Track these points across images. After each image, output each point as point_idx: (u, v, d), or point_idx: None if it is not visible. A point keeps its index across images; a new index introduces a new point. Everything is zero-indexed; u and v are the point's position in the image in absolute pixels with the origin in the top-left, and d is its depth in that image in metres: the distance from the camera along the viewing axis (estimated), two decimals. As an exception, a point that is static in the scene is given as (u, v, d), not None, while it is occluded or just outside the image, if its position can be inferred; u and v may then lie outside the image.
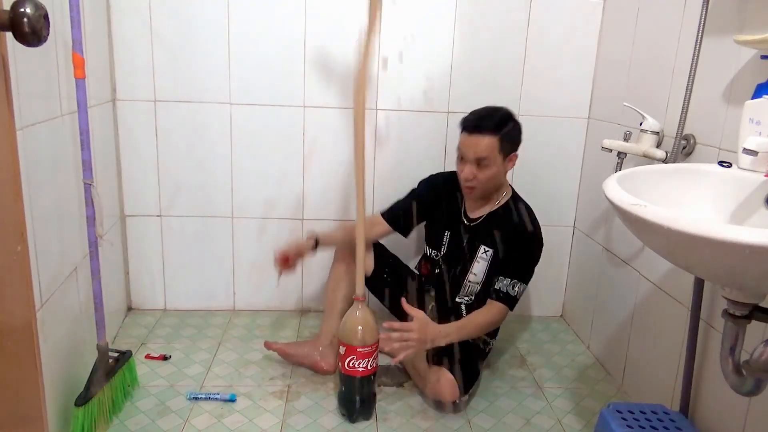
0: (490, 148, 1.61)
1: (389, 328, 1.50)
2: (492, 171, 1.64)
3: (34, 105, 1.29)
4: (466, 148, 1.64)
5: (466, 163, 1.65)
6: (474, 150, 1.62)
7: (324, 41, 1.95)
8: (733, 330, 0.98)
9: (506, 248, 1.69)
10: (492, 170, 1.64)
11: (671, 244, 0.90)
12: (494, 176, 1.66)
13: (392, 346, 1.48)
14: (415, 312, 1.52)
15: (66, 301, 1.46)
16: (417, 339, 1.48)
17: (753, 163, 1.10)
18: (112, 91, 1.93)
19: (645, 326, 1.69)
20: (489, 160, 1.62)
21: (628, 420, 1.36)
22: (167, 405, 1.60)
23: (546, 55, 2.03)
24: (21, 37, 0.67)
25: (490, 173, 1.64)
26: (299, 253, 1.78)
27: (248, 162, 2.04)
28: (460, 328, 1.57)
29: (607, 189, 1.01)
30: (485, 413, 1.64)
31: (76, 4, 1.34)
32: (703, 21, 1.37)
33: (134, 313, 2.13)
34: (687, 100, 1.43)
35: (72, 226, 1.51)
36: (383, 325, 1.53)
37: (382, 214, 1.85)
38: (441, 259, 1.81)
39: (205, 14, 1.90)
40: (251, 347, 1.92)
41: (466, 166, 1.64)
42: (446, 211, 1.81)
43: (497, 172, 1.65)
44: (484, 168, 1.63)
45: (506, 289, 1.63)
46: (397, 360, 1.49)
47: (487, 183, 1.67)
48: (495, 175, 1.66)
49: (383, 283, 1.85)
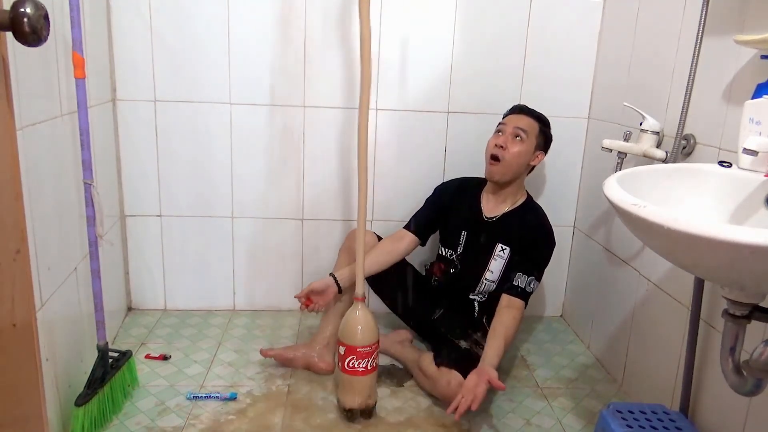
0: (531, 126, 1.74)
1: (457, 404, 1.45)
2: (523, 148, 1.71)
3: (34, 105, 1.29)
4: (509, 121, 1.75)
5: (503, 134, 1.73)
6: (516, 122, 1.74)
7: (324, 41, 1.95)
8: (733, 330, 0.98)
9: (525, 246, 1.72)
10: (523, 147, 1.71)
11: (671, 244, 0.90)
12: (521, 156, 1.72)
13: (473, 407, 1.43)
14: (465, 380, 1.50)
15: (66, 301, 1.46)
16: (482, 390, 1.45)
17: (753, 163, 1.10)
18: (112, 91, 1.93)
19: (645, 326, 1.69)
20: (526, 135, 1.72)
21: (628, 420, 1.36)
22: (167, 405, 1.60)
23: (546, 55, 2.03)
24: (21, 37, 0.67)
25: (521, 149, 1.71)
26: (325, 296, 1.72)
27: (248, 162, 2.04)
28: (498, 348, 1.56)
29: (607, 189, 1.01)
30: (485, 413, 1.64)
31: (76, 4, 1.34)
32: (703, 21, 1.37)
33: (134, 313, 2.13)
34: (687, 100, 1.43)
35: (72, 226, 1.51)
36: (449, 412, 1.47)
37: (407, 229, 1.84)
38: (457, 258, 1.82)
39: (205, 14, 1.90)
40: (251, 347, 1.92)
41: (502, 136, 1.73)
42: (463, 211, 1.83)
43: (526, 154, 1.72)
44: (517, 142, 1.71)
45: (524, 285, 1.66)
46: (476, 407, 1.44)
47: (512, 161, 1.71)
48: (522, 156, 1.72)
49: (386, 283, 1.86)
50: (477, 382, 1.45)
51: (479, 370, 1.49)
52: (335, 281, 1.72)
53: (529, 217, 1.77)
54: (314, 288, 1.70)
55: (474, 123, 2.04)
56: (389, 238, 1.83)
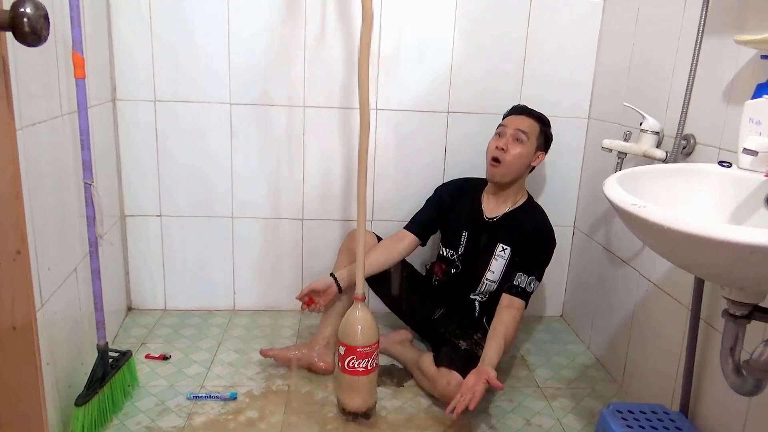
0: (531, 128, 1.74)
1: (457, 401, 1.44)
2: (524, 150, 1.72)
3: (34, 105, 1.29)
4: (509, 123, 1.76)
5: (503, 137, 1.74)
6: (517, 124, 1.74)
7: (324, 41, 1.95)
8: (733, 330, 0.98)
9: (526, 246, 1.73)
10: (524, 149, 1.72)
11: (671, 244, 0.90)
12: (522, 158, 1.73)
13: (470, 406, 1.42)
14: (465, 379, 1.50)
15: (66, 301, 1.46)
16: (480, 389, 1.44)
17: (753, 163, 1.10)
18: (112, 91, 1.93)
19: (645, 326, 1.69)
20: (527, 137, 1.73)
21: (628, 420, 1.36)
22: (167, 405, 1.60)
23: (546, 55, 2.03)
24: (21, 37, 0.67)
25: (522, 151, 1.72)
26: (326, 296, 1.73)
27: (248, 162, 2.04)
28: (498, 348, 1.56)
29: (607, 189, 1.01)
30: (485, 413, 1.64)
31: (76, 4, 1.34)
32: (703, 21, 1.37)
33: (134, 313, 2.13)
34: (687, 100, 1.43)
35: (72, 226, 1.51)
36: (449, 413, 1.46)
37: (407, 229, 1.85)
38: (458, 258, 1.83)
39: (205, 14, 1.90)
40: (251, 347, 1.92)
41: (503, 138, 1.73)
42: (464, 211, 1.84)
43: (527, 156, 1.73)
44: (518, 144, 1.72)
45: (524, 285, 1.67)
46: (473, 407, 1.43)
47: (514, 162, 1.72)
48: (523, 158, 1.73)
49: (385, 283, 1.86)
50: (476, 382, 1.46)
51: (478, 369, 1.50)
52: (335, 281, 1.72)
53: (530, 217, 1.78)
54: (315, 288, 1.71)
55: (474, 123, 2.04)
56: (390, 238, 1.84)
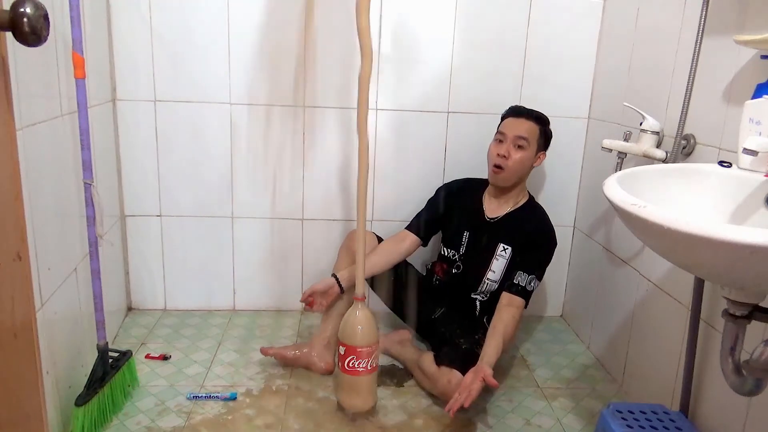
0: (531, 132, 1.75)
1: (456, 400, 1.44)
2: (525, 155, 1.74)
3: (34, 105, 1.29)
4: (509, 127, 1.76)
5: (504, 143, 1.74)
6: (517, 129, 1.74)
7: (324, 41, 1.95)
8: (733, 330, 0.98)
9: (527, 245, 1.74)
10: (525, 154, 1.73)
11: (671, 244, 0.90)
12: (524, 163, 1.74)
13: (465, 404, 1.43)
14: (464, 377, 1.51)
15: (66, 301, 1.46)
16: (477, 387, 1.45)
17: (753, 163, 1.10)
18: (112, 91, 1.93)
19: (645, 326, 1.69)
20: (527, 142, 1.73)
21: (628, 420, 1.36)
22: (167, 405, 1.60)
23: (546, 55, 2.03)
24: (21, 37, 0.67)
25: (523, 156, 1.73)
26: (328, 296, 1.74)
27: (248, 162, 2.04)
28: (497, 346, 1.57)
29: (607, 189, 1.01)
30: (485, 413, 1.64)
31: (76, 4, 1.34)
32: (703, 21, 1.37)
33: (134, 313, 2.13)
34: (687, 100, 1.43)
35: (72, 226, 1.51)
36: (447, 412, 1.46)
37: (409, 229, 1.86)
38: (459, 258, 1.83)
39: (205, 14, 1.90)
40: (251, 347, 1.92)
41: (504, 145, 1.74)
42: (465, 212, 1.84)
43: (528, 160, 1.75)
44: (519, 150, 1.73)
45: (524, 284, 1.67)
46: (468, 404, 1.43)
47: (516, 167, 1.73)
48: (525, 162, 1.74)
49: (386, 283, 1.86)
50: (473, 380, 1.46)
51: (476, 367, 1.50)
52: (337, 281, 1.73)
53: (531, 217, 1.78)
54: (317, 289, 1.72)
55: (474, 123, 2.05)
56: (391, 238, 1.84)
